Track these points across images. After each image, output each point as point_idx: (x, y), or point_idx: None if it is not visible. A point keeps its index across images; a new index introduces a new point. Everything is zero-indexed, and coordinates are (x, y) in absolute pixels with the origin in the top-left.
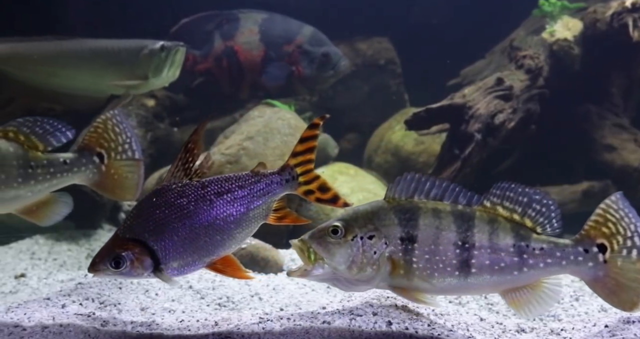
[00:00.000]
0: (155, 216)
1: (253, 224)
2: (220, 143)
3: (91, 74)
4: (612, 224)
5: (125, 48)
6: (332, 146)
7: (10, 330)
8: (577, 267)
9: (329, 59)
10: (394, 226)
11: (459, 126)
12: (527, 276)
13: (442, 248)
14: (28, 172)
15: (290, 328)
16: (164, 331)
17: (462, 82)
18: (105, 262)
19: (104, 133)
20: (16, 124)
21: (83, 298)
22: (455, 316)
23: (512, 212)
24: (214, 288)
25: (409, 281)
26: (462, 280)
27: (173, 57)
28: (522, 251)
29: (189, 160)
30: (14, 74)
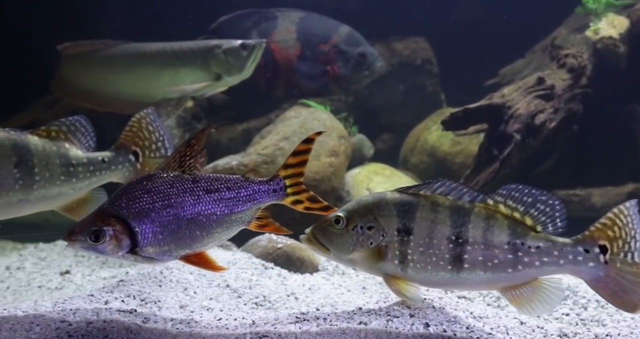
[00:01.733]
0: (142, 199)
1: (233, 227)
2: (257, 143)
3: (161, 78)
4: (617, 228)
5: (194, 49)
6: (368, 146)
7: (57, 325)
8: (576, 266)
9: (365, 59)
10: (392, 217)
11: (497, 126)
12: (523, 274)
13: (436, 242)
14: (70, 170)
15: (326, 329)
16: (203, 329)
17: (500, 82)
18: (84, 233)
19: (139, 131)
20: (59, 123)
21: (125, 295)
22: (494, 319)
23: (513, 210)
24: (251, 287)
25: (404, 272)
26: (454, 275)
27: (255, 54)
28: (517, 249)
29: (187, 154)
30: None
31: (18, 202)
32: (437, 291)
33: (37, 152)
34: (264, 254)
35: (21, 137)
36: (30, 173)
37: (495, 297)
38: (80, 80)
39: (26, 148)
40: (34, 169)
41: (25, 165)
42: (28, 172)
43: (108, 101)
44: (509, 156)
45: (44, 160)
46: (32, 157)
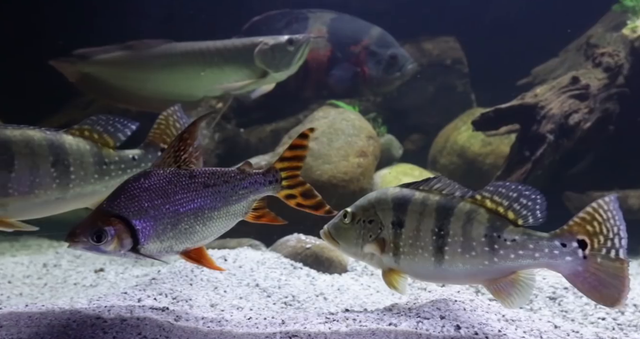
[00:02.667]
0: (141, 197)
1: (232, 220)
2: (285, 144)
3: (205, 76)
4: (597, 223)
5: (239, 46)
6: (397, 146)
7: (93, 322)
8: (552, 260)
9: (396, 61)
10: (389, 210)
11: (530, 126)
12: (499, 267)
13: (422, 234)
14: (103, 168)
15: (356, 329)
16: (233, 328)
17: (533, 82)
18: (86, 234)
19: (166, 129)
20: (90, 122)
21: (157, 293)
22: (527, 322)
23: (498, 205)
24: (280, 287)
25: (397, 263)
26: (437, 267)
27: (303, 49)
28: (494, 242)
29: (181, 149)
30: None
31: (55, 200)
32: (469, 293)
33: (72, 151)
34: (293, 254)
35: (57, 136)
36: (66, 172)
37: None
38: (113, 81)
39: (62, 148)
40: (70, 168)
41: (62, 164)
42: (64, 171)
43: (146, 101)
44: (542, 156)
45: (78, 159)
46: (67, 157)
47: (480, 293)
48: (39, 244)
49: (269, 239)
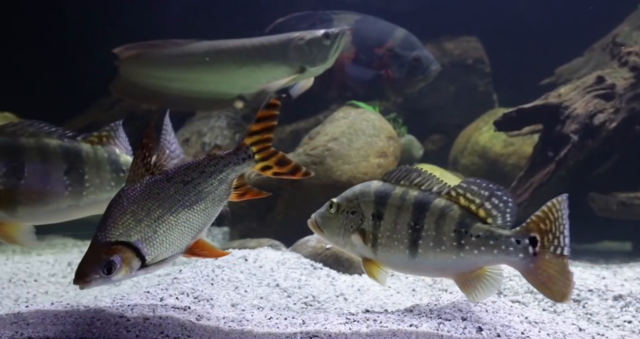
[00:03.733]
0: (129, 216)
1: (219, 205)
2: (305, 144)
3: (241, 74)
4: (549, 221)
5: (275, 43)
6: (417, 147)
7: (116, 320)
8: (508, 257)
9: (420, 64)
10: (370, 203)
11: (553, 126)
12: (465, 262)
13: (399, 227)
14: (120, 176)
15: (376, 330)
16: (254, 328)
17: (556, 82)
18: (96, 270)
19: None
20: (109, 129)
21: (179, 292)
22: (550, 325)
23: (470, 202)
24: (300, 287)
25: (375, 254)
26: (411, 259)
27: (338, 42)
28: (461, 237)
29: (147, 155)
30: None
31: (67, 207)
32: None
33: (89, 159)
34: (313, 255)
35: (74, 144)
36: (80, 180)
37: (552, 302)
38: (144, 81)
39: (77, 155)
40: (84, 176)
41: (76, 172)
42: (78, 179)
43: (179, 100)
44: (566, 157)
45: (94, 167)
46: (82, 165)
47: (502, 295)
48: (64, 243)
49: (288, 240)
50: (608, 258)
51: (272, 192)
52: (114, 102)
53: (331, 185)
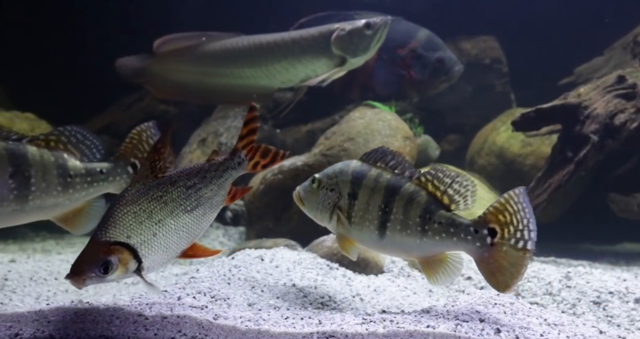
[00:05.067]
0: (131, 217)
1: (216, 209)
2: (321, 144)
3: (281, 68)
4: (508, 214)
5: (315, 35)
6: (433, 147)
7: (135, 319)
8: (466, 245)
9: (443, 65)
10: (348, 182)
11: (572, 127)
12: (428, 247)
13: (370, 208)
14: (67, 181)
15: (393, 331)
16: (271, 327)
17: (576, 81)
18: (92, 269)
19: (139, 144)
20: (57, 132)
21: (196, 292)
22: (570, 327)
23: (436, 189)
24: (316, 287)
25: (348, 231)
26: (379, 240)
27: (381, 32)
28: (425, 223)
29: (157, 159)
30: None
31: (12, 212)
32: (508, 296)
33: (35, 162)
34: (329, 255)
35: (19, 147)
36: (26, 184)
37: (571, 304)
38: (180, 77)
39: (23, 158)
40: (30, 179)
41: (21, 176)
42: (24, 182)
43: (216, 95)
44: (585, 157)
45: (40, 170)
46: (28, 168)
47: (520, 296)
48: (83, 242)
49: (304, 240)
50: (629, 259)
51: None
52: (133, 102)
53: None
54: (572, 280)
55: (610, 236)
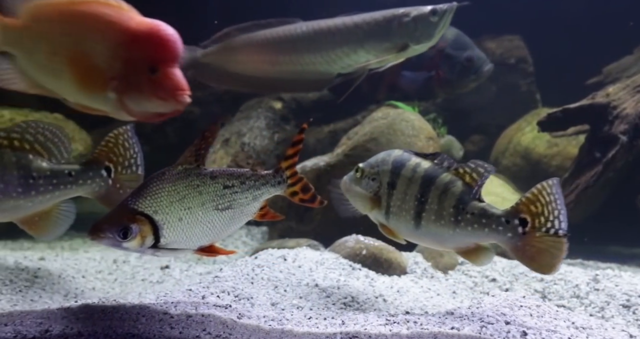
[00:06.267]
0: (165, 195)
1: (244, 219)
2: (344, 144)
3: (342, 53)
4: (540, 205)
5: (379, 20)
6: (457, 147)
7: (161, 317)
8: (497, 235)
9: (472, 64)
10: (387, 172)
11: (601, 127)
12: (461, 237)
13: (407, 198)
14: (29, 182)
15: (417, 332)
16: (294, 327)
17: (604, 81)
18: (113, 230)
19: (114, 147)
20: (20, 130)
21: (220, 291)
22: (598, 331)
23: (473, 181)
24: (339, 287)
25: (387, 220)
26: (415, 230)
27: (446, 19)
28: (458, 213)
29: (202, 147)
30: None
31: None
32: (535, 298)
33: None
34: (352, 255)
35: None
36: None
37: (599, 308)
38: (235, 66)
39: None
40: None
41: None
42: None
43: (273, 84)
44: (614, 158)
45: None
46: None
47: (547, 299)
48: None
49: (326, 240)
50: None
51: None
52: None
53: None
54: (601, 283)
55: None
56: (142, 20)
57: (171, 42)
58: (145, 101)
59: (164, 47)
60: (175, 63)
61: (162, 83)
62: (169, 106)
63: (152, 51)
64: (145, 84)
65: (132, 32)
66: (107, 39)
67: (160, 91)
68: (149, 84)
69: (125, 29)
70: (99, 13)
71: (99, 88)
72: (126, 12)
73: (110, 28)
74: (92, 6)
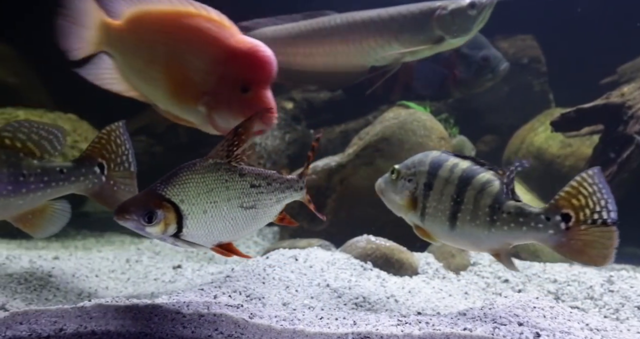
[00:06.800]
0: (194, 186)
1: (265, 220)
2: (355, 145)
3: (376, 45)
4: (583, 197)
5: (415, 12)
6: (469, 148)
7: (173, 316)
8: (537, 234)
9: (488, 63)
10: (424, 173)
11: (615, 127)
12: (496, 237)
13: (443, 198)
14: (19, 180)
15: (429, 333)
16: (306, 327)
17: (618, 80)
18: (138, 213)
19: (107, 144)
20: (12, 129)
21: (231, 291)
22: (613, 333)
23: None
24: (350, 288)
25: (423, 222)
26: (450, 231)
27: (485, 13)
28: (494, 212)
29: (235, 143)
30: None
31: None
32: (548, 299)
33: None
34: (363, 256)
35: None
36: None
37: (614, 309)
38: None
39: None
40: None
41: None
42: None
43: (304, 76)
44: (629, 159)
45: None
46: None
47: (560, 300)
48: (122, 240)
49: (338, 240)
50: None
51: (321, 192)
52: None
53: None
54: (615, 284)
55: None
56: (242, 38)
57: (267, 64)
58: (233, 119)
59: (259, 68)
60: (268, 85)
61: (253, 103)
62: (255, 126)
63: (247, 71)
64: (236, 102)
65: (231, 50)
66: (206, 54)
67: (249, 111)
68: (239, 103)
69: (225, 47)
70: (201, 27)
71: (191, 100)
72: (227, 29)
73: (211, 44)
74: (195, 20)
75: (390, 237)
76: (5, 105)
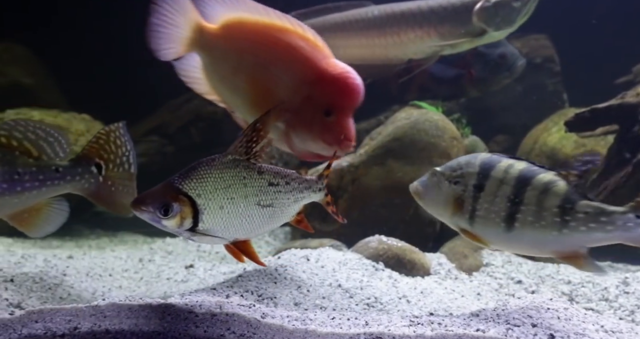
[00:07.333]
0: (212, 181)
1: (282, 220)
2: (366, 145)
3: (417, 38)
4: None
5: (456, 4)
6: (482, 148)
7: (186, 315)
8: (626, 233)
9: (505, 61)
10: (474, 174)
11: (631, 127)
12: (569, 238)
13: (498, 200)
14: (14, 178)
15: (442, 333)
16: (318, 327)
17: (634, 80)
18: (156, 206)
19: (106, 144)
20: (8, 127)
21: (243, 290)
22: (629, 335)
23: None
24: (362, 288)
25: (472, 226)
26: (507, 233)
27: (529, 6)
28: (565, 213)
29: (253, 139)
30: None
31: None
32: (562, 301)
33: None
34: (375, 256)
35: None
36: None
37: (629, 311)
38: None
39: None
40: None
41: None
42: None
43: None
44: None
45: None
46: None
47: (574, 302)
48: (135, 240)
49: (349, 240)
50: None
51: (333, 192)
52: (181, 103)
53: (392, 186)
54: (630, 286)
55: None
56: (334, 62)
57: (355, 92)
58: (310, 141)
59: (347, 94)
60: (351, 112)
61: (333, 128)
62: (330, 151)
63: (334, 96)
64: (317, 125)
65: (321, 73)
66: (294, 72)
67: (328, 135)
68: (320, 126)
69: (315, 68)
70: (295, 45)
71: None
72: (320, 51)
73: (301, 63)
74: (289, 36)
75: (402, 237)
76: (20, 105)
